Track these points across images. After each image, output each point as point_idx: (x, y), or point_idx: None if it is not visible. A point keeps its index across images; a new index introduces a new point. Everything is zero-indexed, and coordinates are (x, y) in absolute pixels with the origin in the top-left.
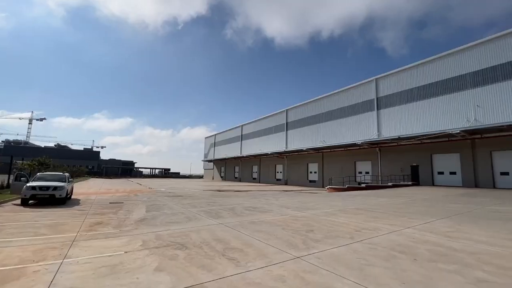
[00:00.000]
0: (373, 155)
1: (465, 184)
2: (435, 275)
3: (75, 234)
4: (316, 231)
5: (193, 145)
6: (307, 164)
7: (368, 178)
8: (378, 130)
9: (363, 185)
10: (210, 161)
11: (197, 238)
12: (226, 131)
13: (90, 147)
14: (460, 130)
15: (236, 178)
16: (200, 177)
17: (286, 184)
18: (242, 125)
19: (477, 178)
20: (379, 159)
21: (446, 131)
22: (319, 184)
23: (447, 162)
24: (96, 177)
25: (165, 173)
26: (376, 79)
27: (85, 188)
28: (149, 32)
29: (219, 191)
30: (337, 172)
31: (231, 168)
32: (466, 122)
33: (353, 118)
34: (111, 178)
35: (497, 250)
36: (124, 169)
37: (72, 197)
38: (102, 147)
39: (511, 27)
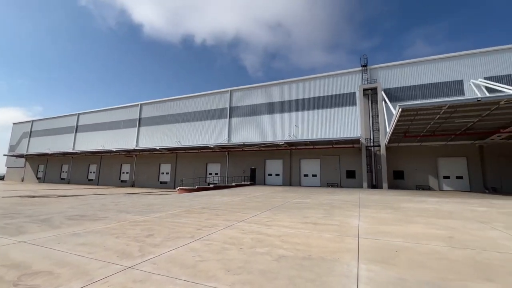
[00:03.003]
0: (222, 158)
1: (284, 183)
2: (252, 258)
3: None
4: (156, 234)
5: None
6: (159, 164)
7: (216, 179)
8: (229, 136)
9: (211, 185)
10: (20, 156)
11: None
12: (52, 118)
13: None
14: (284, 142)
15: (63, 179)
16: (0, 178)
17: (133, 186)
18: (78, 114)
19: (291, 179)
20: (227, 162)
21: (276, 141)
22: (171, 185)
23: (275, 166)
24: None
25: None
26: (231, 90)
27: None
28: None
29: (32, 197)
30: (190, 173)
31: (56, 167)
32: (288, 136)
33: (209, 122)
34: None
35: (294, 231)
36: None
37: None
38: None
39: (326, 72)
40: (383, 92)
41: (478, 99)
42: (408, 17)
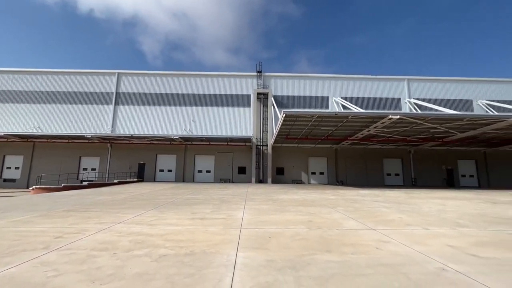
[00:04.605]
0: (103, 151)
1: (177, 179)
2: (127, 263)
3: None
4: None
5: None
6: (4, 156)
7: (93, 176)
8: (113, 126)
9: (85, 183)
10: None
11: None
12: None
13: None
14: (179, 137)
15: None
16: None
17: None
18: None
19: (185, 174)
20: (109, 156)
21: (170, 135)
22: (23, 184)
23: (167, 161)
24: None
25: None
26: (119, 73)
27: None
28: None
29: None
30: (55, 168)
31: None
32: (184, 131)
33: (87, 107)
34: None
35: (180, 229)
36: None
37: None
38: None
39: (227, 71)
40: (272, 98)
41: (336, 113)
42: (296, 40)
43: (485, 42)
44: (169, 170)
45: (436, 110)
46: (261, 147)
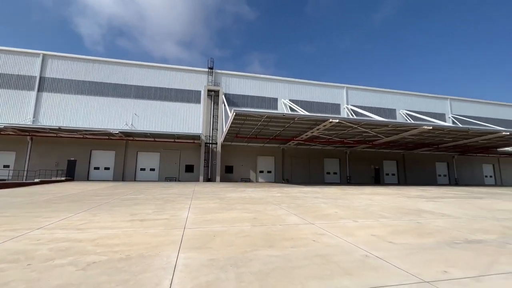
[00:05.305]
0: (20, 145)
1: (115, 178)
2: (45, 275)
3: None
4: None
5: None
6: None
7: (5, 174)
8: (35, 116)
9: None
10: None
11: None
12: None
13: None
14: (119, 131)
15: None
16: None
17: None
18: None
19: (125, 172)
20: (29, 150)
21: (109, 130)
22: None
23: (104, 158)
24: None
25: None
26: (44, 54)
27: None
28: None
29: None
30: None
31: None
32: (125, 125)
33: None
34: None
35: (115, 232)
36: None
37: None
38: None
39: (177, 65)
40: (223, 96)
41: (284, 114)
42: (250, 42)
43: (407, 60)
44: (107, 168)
45: (369, 116)
46: (211, 145)
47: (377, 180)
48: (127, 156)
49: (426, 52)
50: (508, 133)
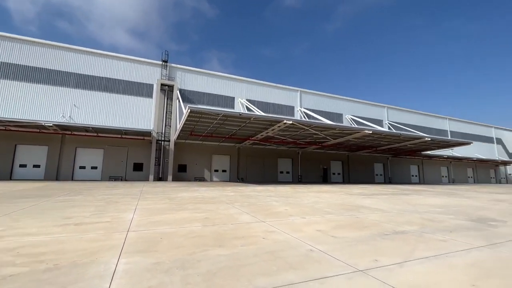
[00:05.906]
0: None
1: (48, 177)
2: None
3: None
4: None
5: None
6: None
7: None
8: None
9: None
10: None
11: None
12: None
13: None
14: (53, 124)
15: None
16: None
17: None
18: None
19: (60, 171)
20: None
21: (40, 122)
22: None
23: (34, 155)
24: None
25: None
26: None
27: None
28: None
29: None
30: None
31: None
32: (62, 117)
33: None
34: None
35: (42, 239)
36: None
37: None
38: None
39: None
40: (178, 92)
41: (240, 113)
42: (209, 39)
43: (355, 69)
44: (36, 166)
45: (319, 120)
46: (163, 142)
47: (325, 179)
48: (63, 153)
49: (369, 63)
50: (429, 139)
